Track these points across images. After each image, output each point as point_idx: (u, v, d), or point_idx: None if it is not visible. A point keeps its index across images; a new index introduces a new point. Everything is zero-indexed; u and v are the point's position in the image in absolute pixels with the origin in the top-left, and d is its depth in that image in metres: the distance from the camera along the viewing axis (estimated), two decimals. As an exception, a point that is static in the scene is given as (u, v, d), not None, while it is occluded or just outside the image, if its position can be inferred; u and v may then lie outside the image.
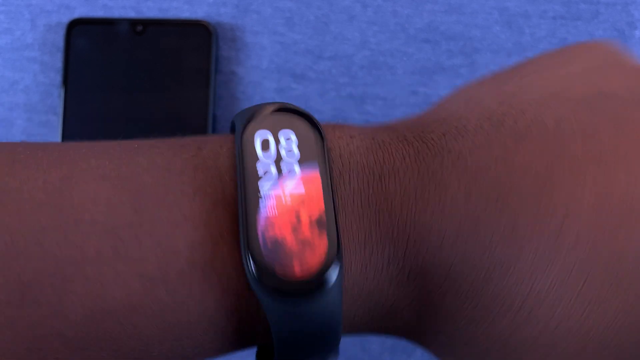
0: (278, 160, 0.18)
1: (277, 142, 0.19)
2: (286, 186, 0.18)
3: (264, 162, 0.18)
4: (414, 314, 0.20)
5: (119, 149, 0.19)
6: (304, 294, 0.17)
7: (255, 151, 0.18)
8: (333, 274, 0.17)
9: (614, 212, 0.18)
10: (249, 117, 0.19)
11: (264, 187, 0.18)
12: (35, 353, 0.17)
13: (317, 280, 0.17)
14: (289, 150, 0.19)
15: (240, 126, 0.19)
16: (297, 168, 0.18)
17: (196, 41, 0.40)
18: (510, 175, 0.18)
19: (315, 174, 0.18)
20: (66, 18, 0.41)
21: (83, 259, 0.17)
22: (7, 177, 0.18)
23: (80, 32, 0.40)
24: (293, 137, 0.19)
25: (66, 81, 0.40)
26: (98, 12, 0.41)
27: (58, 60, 0.41)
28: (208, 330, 0.18)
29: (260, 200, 0.18)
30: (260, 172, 0.18)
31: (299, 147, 0.19)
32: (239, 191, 0.18)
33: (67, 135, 0.40)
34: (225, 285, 0.18)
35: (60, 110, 0.40)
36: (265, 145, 0.19)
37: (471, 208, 0.18)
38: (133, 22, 0.40)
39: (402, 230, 0.19)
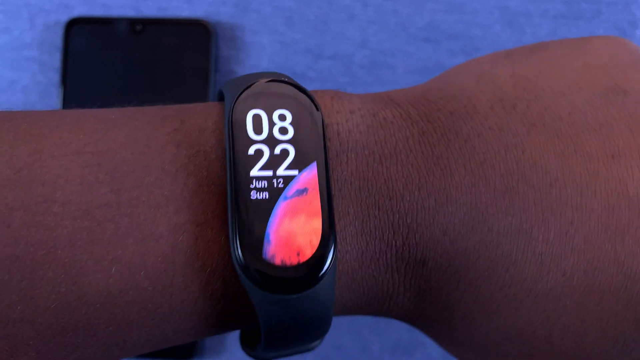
0: (270, 140, 0.17)
1: (271, 121, 0.17)
2: (279, 169, 0.17)
3: (256, 142, 0.17)
4: (411, 301, 0.19)
5: (94, 120, 0.18)
6: (294, 285, 0.16)
7: (247, 132, 0.17)
8: (325, 263, 0.16)
9: (624, 214, 0.17)
10: (240, 90, 0.18)
11: (255, 168, 0.17)
12: (4, 339, 0.16)
13: (308, 270, 0.16)
14: (283, 129, 0.17)
15: (231, 101, 0.17)
16: (291, 148, 0.17)
17: (195, 40, 0.40)
18: (520, 166, 0.18)
19: (309, 155, 0.17)
20: (65, 17, 0.41)
21: (55, 243, 0.16)
22: None
23: (79, 31, 0.40)
24: (288, 115, 0.17)
25: (65, 81, 0.40)
26: (97, 11, 0.41)
27: (57, 60, 0.41)
28: (191, 317, 0.17)
29: (250, 182, 0.16)
30: (251, 152, 0.17)
31: (293, 124, 0.17)
32: (228, 173, 0.17)
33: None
34: (210, 271, 0.17)
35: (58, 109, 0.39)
36: (257, 123, 0.17)
37: (477, 198, 0.18)
38: (132, 21, 0.40)
39: (403, 216, 0.18)
